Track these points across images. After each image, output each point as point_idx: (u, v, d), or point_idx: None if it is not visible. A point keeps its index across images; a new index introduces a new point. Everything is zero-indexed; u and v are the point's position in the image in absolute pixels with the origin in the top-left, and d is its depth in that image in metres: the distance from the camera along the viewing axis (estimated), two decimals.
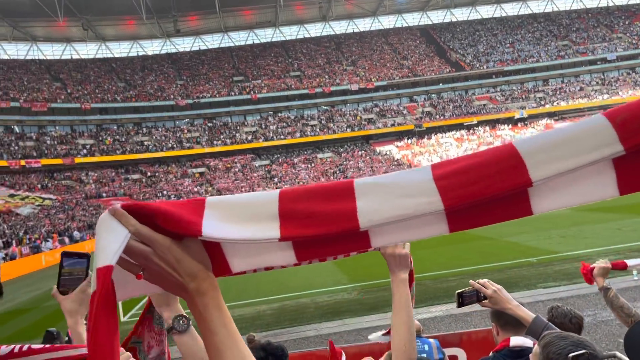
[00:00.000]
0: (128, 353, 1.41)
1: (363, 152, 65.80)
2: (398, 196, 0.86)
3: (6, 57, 69.06)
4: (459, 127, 66.15)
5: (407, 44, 79.58)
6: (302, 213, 0.86)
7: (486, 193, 0.85)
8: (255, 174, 63.59)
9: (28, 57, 70.54)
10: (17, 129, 60.57)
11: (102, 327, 0.77)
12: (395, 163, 60.62)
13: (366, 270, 14.20)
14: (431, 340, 3.53)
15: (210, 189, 59.36)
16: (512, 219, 0.92)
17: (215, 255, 0.91)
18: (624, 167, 0.86)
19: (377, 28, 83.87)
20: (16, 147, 56.71)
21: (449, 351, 4.92)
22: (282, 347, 2.69)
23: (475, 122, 66.01)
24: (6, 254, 29.13)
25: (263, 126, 69.64)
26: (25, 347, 1.40)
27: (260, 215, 0.87)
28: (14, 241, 32.90)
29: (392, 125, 67.51)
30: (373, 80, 71.26)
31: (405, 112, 69.99)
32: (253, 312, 11.61)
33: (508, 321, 2.40)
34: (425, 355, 3.24)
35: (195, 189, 59.45)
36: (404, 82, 71.97)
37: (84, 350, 1.36)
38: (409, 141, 65.66)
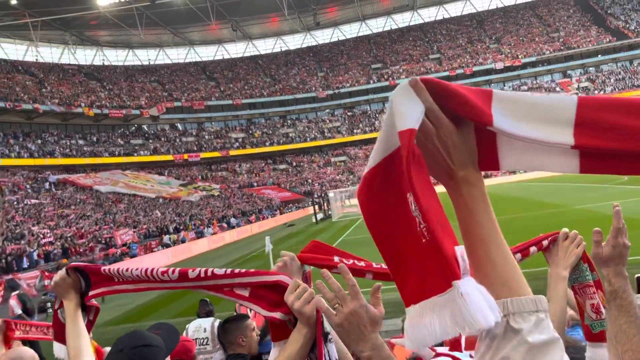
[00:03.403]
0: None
1: None
2: None
3: (169, 61, 77.09)
4: None
5: (559, 15, 73.06)
6: (603, 124, 0.81)
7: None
8: None
9: (187, 60, 77.95)
10: (179, 126, 67.51)
11: (422, 186, 0.79)
12: None
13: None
14: None
15: (351, 177, 60.54)
16: None
17: (486, 149, 0.88)
18: None
19: (524, 1, 78.13)
20: (180, 143, 63.21)
21: None
22: None
23: None
24: (177, 238, 32.73)
25: None
26: (209, 272, 1.51)
27: (554, 118, 0.82)
28: (181, 227, 36.81)
29: None
30: (520, 56, 66.67)
31: (558, 88, 64.53)
32: (398, 298, 11.58)
33: None
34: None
35: (338, 177, 61.06)
36: (555, 57, 66.29)
37: (281, 277, 1.47)
38: None
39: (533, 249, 1.77)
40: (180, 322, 11.46)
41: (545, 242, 1.72)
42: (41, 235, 28.69)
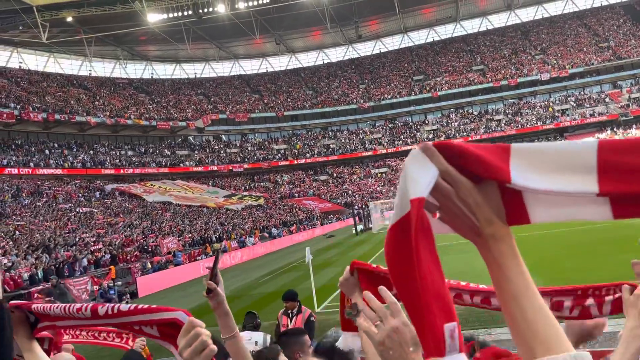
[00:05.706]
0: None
1: None
2: None
3: (214, 74, 79.11)
4: None
5: (608, 24, 70.92)
6: (626, 166, 0.76)
7: None
8: None
9: (232, 74, 79.81)
10: (224, 137, 69.07)
11: (425, 255, 0.80)
12: None
13: (564, 275, 13.16)
14: None
15: (392, 188, 60.28)
16: None
17: (513, 203, 0.85)
18: None
19: (571, 10, 76.31)
20: (224, 154, 64.60)
21: None
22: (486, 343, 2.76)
23: None
24: (220, 247, 33.41)
25: (445, 124, 68.42)
26: (116, 309, 1.49)
27: (575, 166, 0.79)
28: (224, 237, 37.54)
29: (591, 115, 60.79)
30: (567, 67, 65.00)
31: (607, 99, 62.51)
32: None
33: None
34: None
35: (378, 188, 60.91)
36: (605, 67, 64.28)
37: (177, 314, 1.40)
38: (613, 132, 58.42)
39: (591, 305, 1.52)
40: None
41: (608, 299, 1.46)
42: (91, 243, 29.88)
